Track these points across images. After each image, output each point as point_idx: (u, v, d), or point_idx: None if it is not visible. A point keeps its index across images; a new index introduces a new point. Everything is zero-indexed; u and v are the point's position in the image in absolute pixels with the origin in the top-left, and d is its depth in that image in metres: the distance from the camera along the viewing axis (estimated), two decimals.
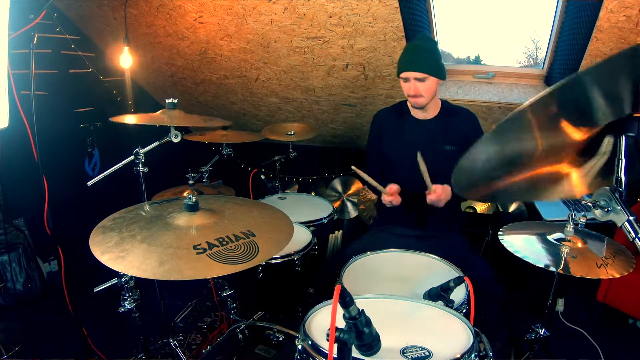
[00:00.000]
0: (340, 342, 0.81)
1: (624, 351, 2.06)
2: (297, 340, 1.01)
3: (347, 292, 0.81)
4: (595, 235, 1.36)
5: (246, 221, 1.14)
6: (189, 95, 3.52)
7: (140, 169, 1.61)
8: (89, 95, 2.98)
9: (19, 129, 1.49)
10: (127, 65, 2.61)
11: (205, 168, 2.32)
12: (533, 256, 1.22)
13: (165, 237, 1.01)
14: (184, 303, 2.32)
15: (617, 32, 1.95)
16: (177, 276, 0.89)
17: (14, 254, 2.38)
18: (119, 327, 1.98)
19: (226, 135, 2.29)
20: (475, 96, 2.69)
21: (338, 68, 2.72)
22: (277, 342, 1.29)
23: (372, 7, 2.20)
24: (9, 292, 2.36)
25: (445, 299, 1.17)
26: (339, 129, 3.44)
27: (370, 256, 1.58)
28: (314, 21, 2.37)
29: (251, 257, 0.97)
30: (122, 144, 2.30)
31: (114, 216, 1.14)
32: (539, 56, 2.71)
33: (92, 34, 2.98)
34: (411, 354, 0.92)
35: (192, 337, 2.15)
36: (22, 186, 2.19)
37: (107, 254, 0.95)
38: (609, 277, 1.14)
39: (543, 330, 1.52)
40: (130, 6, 2.57)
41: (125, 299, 1.37)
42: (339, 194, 3.62)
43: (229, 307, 1.67)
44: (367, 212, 3.44)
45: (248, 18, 2.46)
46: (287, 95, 3.14)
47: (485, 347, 1.08)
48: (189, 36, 2.74)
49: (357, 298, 0.98)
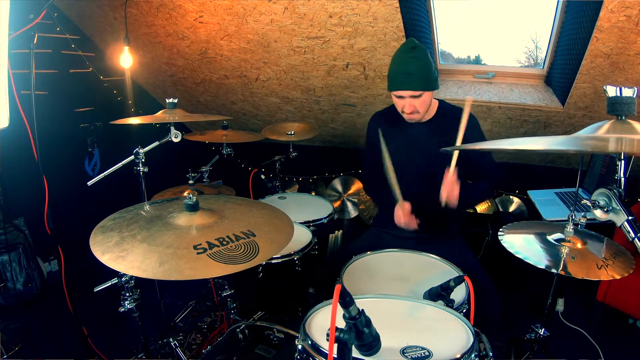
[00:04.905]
0: (340, 342, 0.81)
1: (624, 351, 2.06)
2: (297, 340, 1.01)
3: (347, 292, 0.81)
4: (595, 236, 1.36)
5: (246, 221, 1.14)
6: (189, 95, 3.52)
7: (141, 169, 1.62)
8: (89, 95, 2.98)
9: (19, 129, 1.49)
10: (127, 65, 2.61)
11: (205, 168, 2.31)
12: (533, 257, 1.21)
13: (165, 237, 1.01)
14: (184, 303, 2.32)
15: (617, 32, 1.95)
16: (177, 276, 0.89)
17: (14, 253, 2.38)
18: (119, 327, 1.98)
19: (226, 135, 2.29)
20: (475, 96, 2.69)
21: (338, 68, 2.72)
22: (277, 342, 1.29)
23: (372, 7, 2.20)
24: (9, 292, 2.36)
25: (445, 299, 1.17)
26: (339, 129, 3.44)
27: (370, 256, 1.58)
28: (314, 21, 2.37)
29: (251, 257, 0.97)
30: (122, 144, 2.30)
31: (114, 216, 1.14)
32: (539, 56, 2.71)
33: (92, 34, 2.98)
34: (411, 354, 0.92)
35: (192, 337, 2.15)
36: (22, 186, 2.20)
37: (107, 253, 0.95)
38: (609, 279, 1.14)
39: (543, 330, 1.52)
40: (130, 6, 2.56)
41: (126, 299, 1.37)
42: (339, 193, 3.63)
43: (229, 307, 1.67)
44: (367, 212, 3.44)
45: (248, 18, 2.46)
46: (287, 95, 3.14)
47: (485, 347, 1.08)
48: (189, 36, 2.74)
49: (357, 298, 0.98)
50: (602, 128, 0.99)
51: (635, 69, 2.13)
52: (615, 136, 0.94)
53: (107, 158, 3.05)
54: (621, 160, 0.98)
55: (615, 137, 0.93)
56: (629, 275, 1.16)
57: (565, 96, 2.43)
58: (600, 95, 2.35)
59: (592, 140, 0.94)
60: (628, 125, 0.98)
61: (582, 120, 2.60)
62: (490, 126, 2.89)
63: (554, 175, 3.05)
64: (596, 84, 2.28)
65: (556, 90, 2.59)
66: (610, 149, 0.95)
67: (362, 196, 3.46)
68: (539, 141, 0.98)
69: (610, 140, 0.91)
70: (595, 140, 0.94)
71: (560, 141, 0.93)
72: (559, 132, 2.76)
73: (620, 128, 0.97)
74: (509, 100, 2.62)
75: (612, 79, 2.23)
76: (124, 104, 3.04)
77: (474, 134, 1.75)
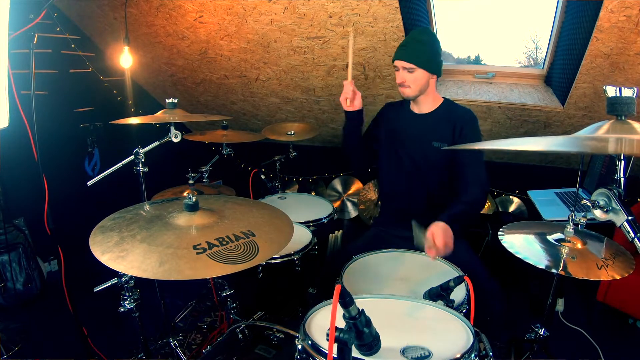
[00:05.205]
0: (340, 342, 0.81)
1: (624, 351, 2.06)
2: (297, 340, 1.01)
3: (347, 292, 0.81)
4: (595, 236, 1.36)
5: (246, 221, 1.14)
6: (189, 95, 3.52)
7: (140, 169, 1.62)
8: (89, 95, 2.98)
9: (19, 129, 1.49)
10: (127, 65, 2.61)
11: (205, 168, 2.32)
12: (533, 257, 1.21)
13: (165, 237, 1.01)
14: (184, 303, 2.32)
15: (617, 32, 1.95)
16: (177, 276, 0.89)
17: (14, 253, 2.38)
18: (119, 327, 1.98)
19: (226, 135, 2.29)
20: (475, 96, 2.69)
21: (338, 68, 2.72)
22: (277, 342, 1.29)
23: (372, 7, 2.20)
24: (9, 292, 2.36)
25: (445, 299, 1.17)
26: (339, 129, 3.44)
27: (370, 256, 1.58)
28: (314, 21, 2.37)
29: (251, 257, 0.97)
30: (122, 144, 2.30)
31: (113, 216, 1.14)
32: (539, 56, 2.71)
33: (92, 34, 2.98)
34: (411, 354, 0.92)
35: (192, 337, 2.15)
36: (22, 186, 2.20)
37: (107, 253, 0.95)
38: (609, 279, 1.14)
39: (543, 330, 1.52)
40: (130, 6, 2.57)
41: (125, 299, 1.37)
42: (339, 193, 3.63)
43: (229, 307, 1.67)
44: (367, 212, 3.44)
45: (248, 18, 2.46)
46: (287, 95, 3.14)
47: (485, 347, 1.08)
48: (189, 36, 2.74)
49: (357, 298, 0.98)
50: (602, 128, 0.99)
51: (635, 69, 2.13)
52: (615, 136, 0.94)
53: (107, 158, 3.05)
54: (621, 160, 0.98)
55: (615, 138, 0.93)
56: (629, 275, 1.16)
57: (565, 96, 2.43)
58: (600, 95, 2.35)
59: (592, 140, 0.94)
60: (628, 125, 0.98)
61: (582, 121, 2.60)
62: (490, 126, 2.89)
63: (554, 175, 3.05)
64: (596, 84, 2.28)
65: (556, 90, 2.59)
66: (610, 149, 0.95)
67: (362, 196, 3.46)
68: (539, 141, 0.98)
69: (610, 140, 0.91)
70: (595, 140, 0.94)
71: (560, 141, 0.93)
72: (558, 132, 2.76)
73: (620, 128, 0.97)
74: (509, 100, 2.62)
75: (612, 79, 2.23)
76: (124, 104, 3.04)
77: (472, 133, 1.74)
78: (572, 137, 0.96)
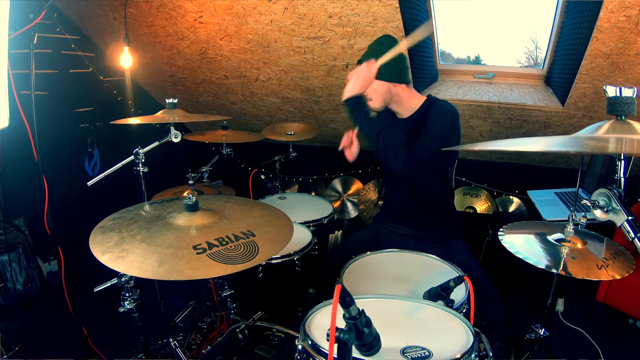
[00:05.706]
0: (341, 342, 0.81)
1: (624, 351, 2.06)
2: (297, 340, 1.01)
3: (347, 292, 0.81)
4: (595, 236, 1.36)
5: (246, 221, 1.14)
6: (189, 95, 3.52)
7: (140, 169, 1.62)
8: (89, 95, 2.98)
9: (19, 129, 1.49)
10: (127, 65, 2.61)
11: (205, 168, 2.32)
12: (533, 257, 1.21)
13: (165, 237, 1.01)
14: (184, 303, 2.32)
15: (617, 32, 1.95)
16: (177, 276, 0.89)
17: (14, 253, 2.38)
18: (119, 327, 1.98)
19: (226, 135, 2.29)
20: (475, 96, 2.69)
21: (338, 68, 2.72)
22: (277, 342, 1.29)
23: (372, 7, 2.20)
24: (9, 292, 2.35)
25: (445, 299, 1.17)
26: (339, 129, 3.44)
27: (370, 256, 1.58)
28: (314, 21, 2.37)
29: (251, 257, 0.97)
30: (122, 144, 2.30)
31: (113, 216, 1.14)
32: (539, 56, 2.71)
33: (92, 34, 2.98)
34: (411, 354, 0.92)
35: (192, 337, 2.15)
36: (22, 186, 2.19)
37: (107, 253, 0.95)
38: (609, 279, 1.14)
39: (543, 330, 1.52)
40: (130, 6, 2.57)
41: (125, 299, 1.37)
42: (339, 194, 3.63)
43: (229, 307, 1.66)
44: (367, 212, 3.44)
45: (248, 18, 2.46)
46: (287, 95, 3.14)
47: (485, 347, 1.08)
48: (189, 36, 2.74)
49: (357, 298, 0.98)
50: (602, 128, 0.99)
51: (635, 69, 2.13)
52: (615, 136, 0.94)
53: (107, 158, 3.05)
54: (621, 160, 0.98)
55: (615, 138, 0.93)
56: (629, 275, 1.16)
57: (565, 96, 2.43)
58: (600, 95, 2.35)
59: (592, 140, 0.94)
60: (628, 125, 0.98)
61: (582, 121, 2.60)
62: (490, 126, 2.89)
63: (554, 175, 3.05)
64: (596, 84, 2.28)
65: (556, 91, 2.59)
66: (610, 149, 0.95)
67: (362, 196, 3.46)
68: (539, 141, 0.98)
69: (610, 140, 0.91)
70: (595, 140, 0.94)
71: (560, 141, 0.93)
72: (558, 132, 2.76)
73: (620, 128, 0.97)
74: (508, 100, 2.62)
75: (612, 79, 2.23)
76: (124, 104, 3.04)
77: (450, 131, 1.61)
78: (572, 137, 0.96)
